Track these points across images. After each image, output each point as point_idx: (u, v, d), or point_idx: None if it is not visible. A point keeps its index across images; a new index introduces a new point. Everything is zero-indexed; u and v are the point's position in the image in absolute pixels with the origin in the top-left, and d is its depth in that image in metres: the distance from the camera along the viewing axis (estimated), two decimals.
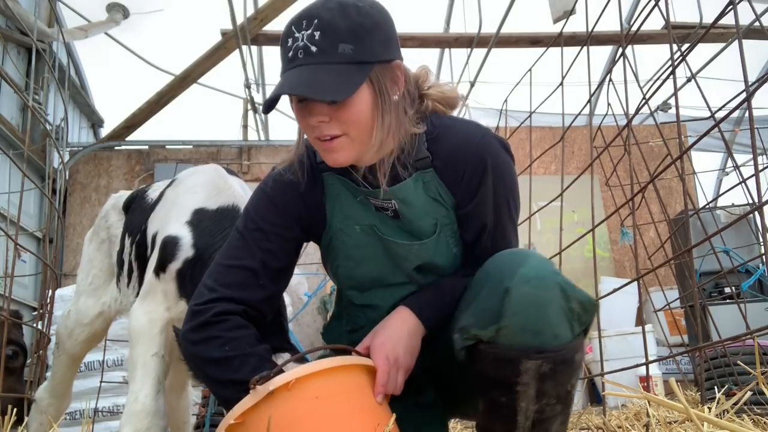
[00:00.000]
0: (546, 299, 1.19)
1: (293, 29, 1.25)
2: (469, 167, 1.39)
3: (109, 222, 2.29)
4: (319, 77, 1.21)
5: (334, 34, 1.22)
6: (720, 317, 3.63)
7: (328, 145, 1.30)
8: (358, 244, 1.48)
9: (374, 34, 1.26)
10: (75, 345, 2.28)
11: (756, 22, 2.27)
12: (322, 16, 1.23)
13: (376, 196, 1.43)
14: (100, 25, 6.02)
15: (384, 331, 1.37)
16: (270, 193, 1.46)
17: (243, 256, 1.40)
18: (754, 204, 2.16)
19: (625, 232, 4.51)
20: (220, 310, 1.32)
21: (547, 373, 1.20)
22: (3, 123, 5.22)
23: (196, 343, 1.31)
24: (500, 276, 1.23)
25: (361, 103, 1.26)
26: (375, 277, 1.51)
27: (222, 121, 7.34)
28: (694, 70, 2.78)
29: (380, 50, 1.28)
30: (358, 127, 1.28)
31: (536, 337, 1.19)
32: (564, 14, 3.97)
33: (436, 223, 1.44)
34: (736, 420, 1.67)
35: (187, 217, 1.76)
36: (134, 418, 1.61)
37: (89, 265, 2.33)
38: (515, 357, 1.19)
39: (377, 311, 1.53)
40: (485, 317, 1.22)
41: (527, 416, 1.23)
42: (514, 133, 3.67)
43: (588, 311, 1.25)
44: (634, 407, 3.02)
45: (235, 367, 1.26)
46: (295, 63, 1.24)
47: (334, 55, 1.22)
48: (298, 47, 1.23)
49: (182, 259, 1.69)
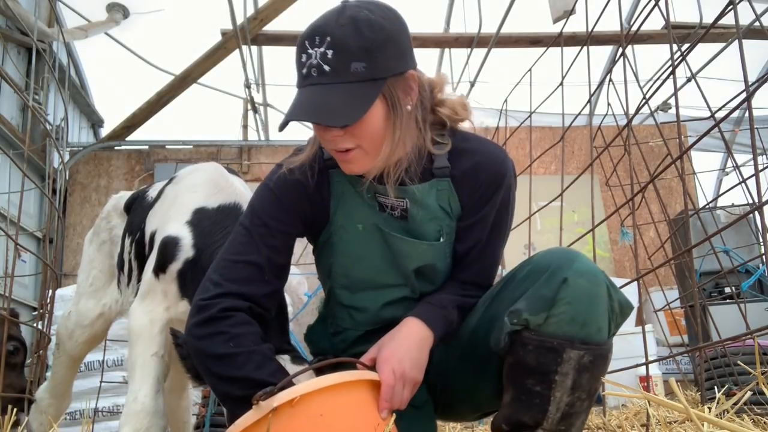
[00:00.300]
0: (597, 294, 1.26)
1: (306, 44, 1.27)
2: (486, 184, 1.45)
3: (110, 223, 2.28)
4: (331, 100, 1.24)
5: (346, 53, 1.24)
6: (720, 317, 3.63)
7: (344, 156, 1.35)
8: (357, 241, 1.49)
9: (387, 50, 1.28)
10: (75, 346, 2.28)
11: (756, 22, 2.27)
12: (334, 33, 1.25)
13: (386, 193, 1.44)
14: (100, 25, 6.02)
15: (391, 343, 1.36)
16: (276, 190, 1.47)
17: (249, 252, 1.40)
18: (754, 204, 2.16)
19: (625, 232, 4.51)
20: (226, 306, 1.32)
21: (586, 365, 1.24)
22: (3, 123, 5.22)
23: (201, 338, 1.31)
24: (557, 267, 1.28)
25: (373, 118, 1.30)
26: (369, 277, 1.52)
27: (222, 121, 7.34)
28: (694, 70, 2.78)
29: (393, 64, 1.30)
30: (370, 141, 1.32)
31: (582, 329, 1.24)
32: (564, 14, 3.97)
33: (440, 230, 1.47)
34: (736, 420, 1.67)
35: (187, 217, 1.74)
36: (133, 418, 1.60)
37: (90, 266, 2.32)
38: (559, 346, 1.24)
39: (364, 314, 1.55)
40: (539, 303, 1.26)
41: (559, 407, 1.25)
42: (514, 133, 3.67)
43: (624, 313, 1.32)
44: (634, 407, 3.02)
45: (238, 364, 1.25)
46: (309, 81, 1.27)
47: (347, 75, 1.24)
48: (312, 65, 1.26)
49: (183, 259, 1.69)
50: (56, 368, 2.34)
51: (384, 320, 1.57)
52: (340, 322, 1.61)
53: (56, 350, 2.36)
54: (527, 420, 1.28)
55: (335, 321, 1.62)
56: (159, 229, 1.81)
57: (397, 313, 1.56)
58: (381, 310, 1.56)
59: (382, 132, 1.33)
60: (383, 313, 1.57)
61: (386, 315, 1.57)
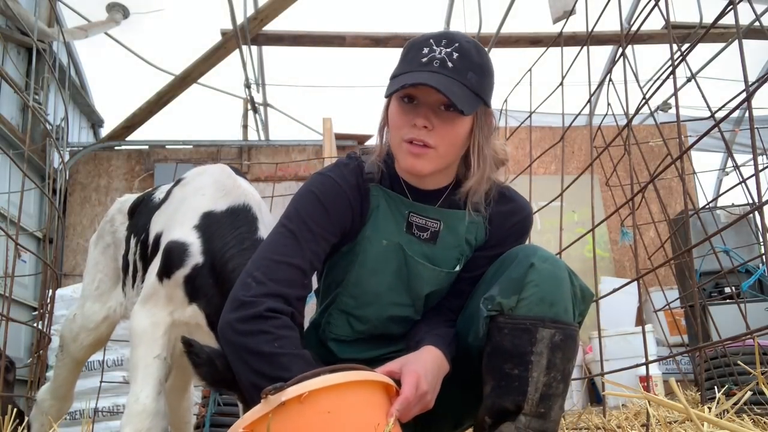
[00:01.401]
0: (561, 277, 1.38)
1: (431, 41, 1.39)
2: (513, 231, 1.60)
3: (114, 226, 2.26)
4: (453, 88, 1.34)
5: (468, 62, 1.38)
6: (720, 317, 3.63)
7: (418, 150, 1.40)
8: (379, 256, 1.53)
9: (491, 78, 1.45)
10: (80, 349, 2.27)
11: (756, 22, 2.27)
12: (462, 43, 1.39)
13: (423, 212, 1.53)
14: (100, 25, 6.02)
15: (417, 362, 1.38)
16: (321, 196, 1.49)
17: (294, 254, 1.41)
18: (754, 204, 2.16)
19: (625, 232, 4.51)
20: (272, 307, 1.33)
21: (558, 344, 1.35)
22: (3, 123, 5.22)
23: (244, 334, 1.31)
24: (524, 255, 1.42)
25: (464, 126, 1.42)
26: (382, 291, 1.56)
27: (222, 121, 7.33)
28: (694, 70, 2.79)
29: (490, 93, 1.45)
30: (449, 147, 1.42)
31: (551, 308, 1.36)
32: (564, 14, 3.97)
33: (459, 259, 1.57)
34: (736, 420, 1.68)
35: (195, 221, 1.71)
36: (135, 419, 1.60)
37: (95, 269, 2.31)
38: (532, 326, 1.35)
39: (365, 325, 1.60)
40: (510, 287, 1.38)
41: (537, 387, 1.34)
42: (514, 133, 3.68)
43: (585, 300, 1.42)
44: (634, 407, 3.02)
45: (284, 365, 1.26)
46: (429, 68, 1.36)
47: (465, 78, 1.37)
48: (435, 57, 1.37)
49: (191, 265, 1.65)
50: (59, 370, 2.34)
51: (381, 334, 1.62)
52: (334, 329, 1.63)
53: (59, 353, 2.35)
54: (509, 405, 1.35)
55: (329, 328, 1.64)
56: (165, 232, 1.78)
57: (397, 329, 1.63)
58: (383, 324, 1.60)
59: (461, 144, 1.45)
60: (383, 328, 1.61)
61: (386, 330, 1.62)
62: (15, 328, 4.80)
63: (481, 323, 1.40)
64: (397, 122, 1.42)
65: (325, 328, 1.65)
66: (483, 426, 1.40)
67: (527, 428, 1.33)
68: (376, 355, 1.61)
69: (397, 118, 1.42)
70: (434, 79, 1.33)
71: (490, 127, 1.50)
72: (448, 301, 1.62)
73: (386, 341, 1.64)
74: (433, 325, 1.56)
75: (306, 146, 6.86)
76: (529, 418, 1.34)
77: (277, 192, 5.81)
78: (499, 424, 1.36)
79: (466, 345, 1.50)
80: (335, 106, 6.71)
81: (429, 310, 1.63)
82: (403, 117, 1.41)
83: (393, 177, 1.54)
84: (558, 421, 1.39)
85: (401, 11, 6.65)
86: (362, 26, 6.42)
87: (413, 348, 1.48)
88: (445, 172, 1.51)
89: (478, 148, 1.47)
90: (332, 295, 1.62)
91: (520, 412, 1.34)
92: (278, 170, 6.59)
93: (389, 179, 1.55)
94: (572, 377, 1.45)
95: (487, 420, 1.39)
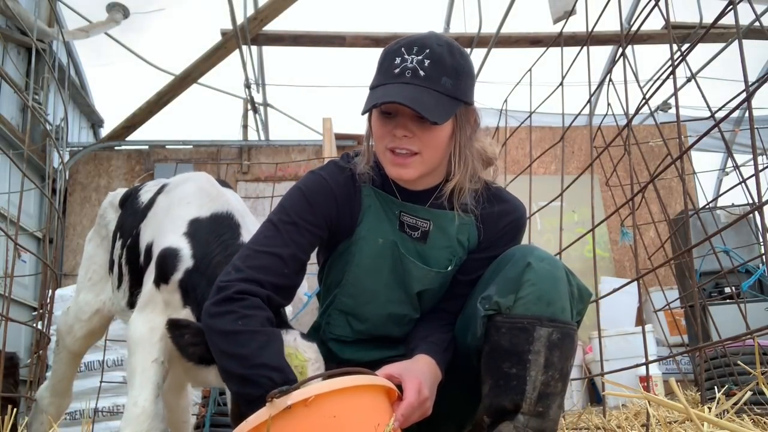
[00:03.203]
0: (558, 276, 1.39)
1: (403, 50, 1.40)
2: (507, 231, 1.60)
3: (106, 219, 2.31)
4: (424, 98, 1.35)
5: (441, 67, 1.38)
6: (720, 317, 3.63)
7: (402, 160, 1.43)
8: (375, 254, 1.55)
9: (468, 78, 1.44)
10: (74, 341, 2.30)
11: (756, 22, 2.27)
12: (434, 48, 1.38)
13: (413, 212, 1.54)
14: (100, 25, 6.02)
15: (416, 369, 1.40)
16: (306, 192, 1.52)
17: (274, 244, 1.45)
18: (754, 204, 2.16)
19: (625, 232, 4.51)
20: (242, 289, 1.36)
21: (555, 343, 1.35)
22: (3, 123, 5.22)
23: (213, 315, 1.35)
24: (521, 255, 1.43)
25: (444, 131, 1.42)
26: (379, 289, 1.57)
27: (222, 121, 7.34)
28: (694, 70, 2.79)
29: (469, 93, 1.45)
30: (433, 151, 1.43)
31: (549, 307, 1.36)
32: (564, 14, 3.97)
33: (451, 260, 1.57)
34: (736, 420, 1.67)
35: (183, 229, 1.77)
36: (134, 422, 1.61)
37: (89, 261, 2.35)
38: (529, 325, 1.35)
39: (365, 324, 1.61)
40: (507, 287, 1.39)
41: (535, 386, 1.34)
42: (514, 133, 3.67)
43: (583, 299, 1.43)
44: (634, 407, 3.02)
45: (242, 342, 1.29)
46: (401, 80, 1.38)
47: (438, 85, 1.37)
48: (407, 67, 1.38)
49: (183, 269, 1.71)
50: (56, 365, 2.35)
51: (381, 334, 1.63)
52: (334, 329, 1.65)
53: (56, 347, 2.37)
54: (507, 404, 1.35)
55: (329, 328, 1.65)
56: (156, 241, 1.83)
57: (397, 330, 1.63)
58: (382, 324, 1.61)
59: (445, 147, 1.46)
60: (383, 328, 1.62)
61: (386, 330, 1.63)
62: (15, 329, 4.80)
63: (479, 323, 1.41)
64: (379, 133, 1.46)
65: (326, 329, 1.66)
66: (482, 425, 1.41)
67: (526, 427, 1.34)
68: (377, 358, 1.61)
69: (379, 130, 1.45)
70: (405, 93, 1.34)
71: (473, 124, 1.51)
72: (446, 304, 1.63)
73: (386, 344, 1.65)
74: (429, 331, 1.57)
75: (306, 146, 6.86)
76: (528, 417, 1.34)
77: (277, 192, 5.81)
78: (498, 424, 1.36)
79: (465, 346, 1.51)
80: (335, 106, 6.72)
81: (427, 313, 1.63)
82: (384, 128, 1.44)
83: (383, 177, 1.56)
84: (557, 420, 1.39)
85: (401, 11, 6.66)
86: (362, 26, 6.42)
87: (408, 355, 1.50)
88: (433, 173, 1.52)
89: (459, 148, 1.48)
90: (331, 296, 1.64)
91: (518, 411, 1.34)
92: (278, 170, 6.59)
93: (380, 179, 1.57)
94: (572, 377, 1.45)
95: (485, 419, 1.40)
